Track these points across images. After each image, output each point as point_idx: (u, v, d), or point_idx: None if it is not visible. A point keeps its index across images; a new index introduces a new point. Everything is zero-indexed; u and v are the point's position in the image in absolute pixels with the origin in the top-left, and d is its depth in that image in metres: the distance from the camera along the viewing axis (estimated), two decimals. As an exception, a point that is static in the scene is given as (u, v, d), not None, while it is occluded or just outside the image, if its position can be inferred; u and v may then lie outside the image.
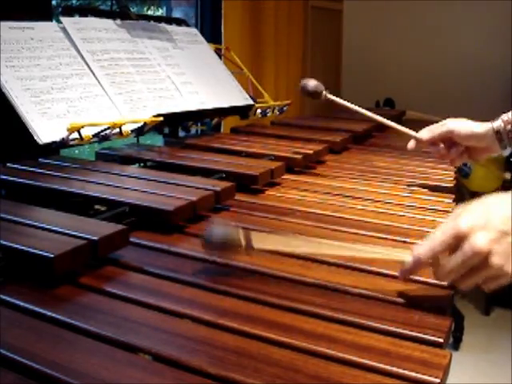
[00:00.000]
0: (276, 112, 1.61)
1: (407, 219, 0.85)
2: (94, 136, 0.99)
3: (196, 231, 0.76)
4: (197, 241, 0.72)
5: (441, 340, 0.50)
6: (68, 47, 1.11)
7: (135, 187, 0.82)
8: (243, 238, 0.61)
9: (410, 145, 1.05)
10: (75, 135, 0.95)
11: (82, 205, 0.79)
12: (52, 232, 0.61)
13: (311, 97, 1.15)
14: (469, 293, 2.68)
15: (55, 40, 1.10)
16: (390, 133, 1.76)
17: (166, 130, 1.31)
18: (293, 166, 1.12)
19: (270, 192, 0.98)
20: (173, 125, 1.30)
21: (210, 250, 0.62)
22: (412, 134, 1.05)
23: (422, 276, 0.63)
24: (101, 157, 1.08)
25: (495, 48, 2.78)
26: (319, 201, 0.93)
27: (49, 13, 1.24)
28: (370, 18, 3.02)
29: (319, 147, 1.24)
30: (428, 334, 0.50)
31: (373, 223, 0.82)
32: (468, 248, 0.55)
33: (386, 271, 0.64)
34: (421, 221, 0.85)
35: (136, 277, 0.61)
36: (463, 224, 0.55)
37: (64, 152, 1.08)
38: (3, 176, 0.85)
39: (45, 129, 0.94)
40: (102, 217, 0.72)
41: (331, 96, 1.14)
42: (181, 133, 1.36)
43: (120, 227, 0.64)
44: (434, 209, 0.91)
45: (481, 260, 0.55)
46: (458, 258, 0.55)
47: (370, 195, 0.97)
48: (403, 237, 0.76)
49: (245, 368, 0.44)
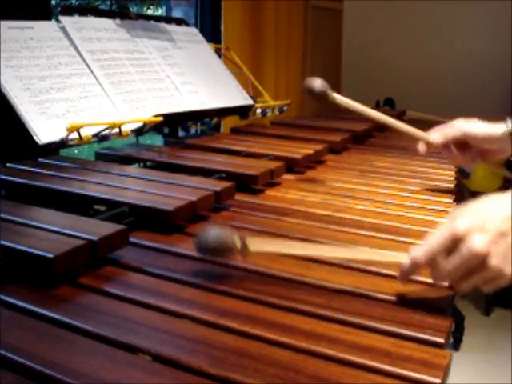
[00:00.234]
0: (276, 112, 1.61)
1: (407, 219, 0.85)
2: (94, 136, 0.99)
3: (196, 231, 0.75)
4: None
5: (441, 340, 0.50)
6: (67, 47, 1.11)
7: (135, 187, 0.82)
8: (238, 243, 0.60)
9: (422, 148, 1.01)
10: (75, 135, 0.95)
11: (82, 205, 0.79)
12: (51, 232, 0.61)
13: (317, 99, 0.99)
14: (469, 293, 2.68)
15: (55, 40, 1.10)
16: (390, 133, 1.76)
17: (166, 130, 1.31)
18: (293, 166, 1.12)
19: (270, 192, 0.98)
20: (172, 125, 1.30)
21: (204, 255, 0.61)
22: (423, 137, 1.01)
23: (423, 276, 0.63)
24: (100, 157, 1.08)
25: (495, 48, 2.78)
26: (319, 201, 0.93)
27: (48, 12, 1.24)
28: (370, 18, 3.02)
29: (319, 147, 1.24)
30: (428, 335, 0.50)
31: (373, 223, 0.82)
32: (466, 250, 0.54)
33: (386, 271, 0.64)
34: (421, 221, 0.85)
35: (136, 277, 0.61)
36: (460, 225, 0.55)
37: (63, 152, 1.08)
38: (3, 176, 0.84)
39: (44, 129, 0.94)
40: (102, 217, 0.72)
41: (340, 97, 1.00)
42: (180, 133, 1.36)
43: (120, 227, 0.64)
44: (435, 209, 0.91)
45: (479, 262, 0.54)
46: (456, 260, 0.55)
47: (370, 195, 0.97)
48: (403, 237, 0.76)
49: (245, 368, 0.44)
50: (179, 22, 1.52)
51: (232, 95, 1.46)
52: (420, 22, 2.94)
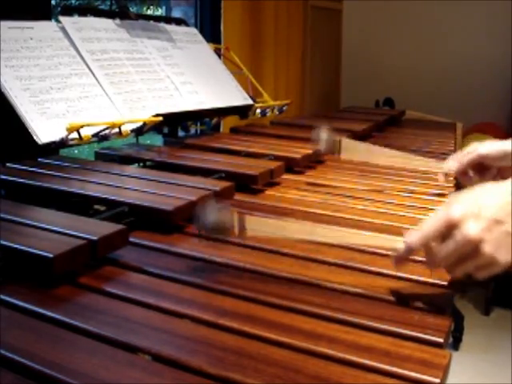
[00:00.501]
0: (275, 112, 1.61)
1: (408, 219, 0.85)
2: (94, 136, 0.99)
3: (196, 231, 0.76)
4: (197, 241, 0.73)
5: (441, 340, 0.50)
6: (67, 47, 1.11)
7: (135, 187, 0.82)
8: (236, 222, 0.61)
9: (440, 179, 1.03)
10: (74, 135, 0.95)
11: (82, 205, 0.79)
12: (51, 232, 0.61)
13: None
14: (469, 293, 2.68)
15: (54, 40, 1.10)
16: (390, 133, 1.76)
17: (166, 130, 1.31)
18: (293, 166, 1.12)
19: (270, 192, 0.98)
20: (172, 125, 1.30)
21: (204, 232, 0.63)
22: (440, 175, 1.02)
23: (422, 276, 0.63)
24: (100, 157, 1.08)
25: (495, 48, 2.78)
26: (319, 201, 0.93)
27: (48, 12, 1.24)
28: (370, 18, 3.02)
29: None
30: (428, 334, 0.50)
31: (373, 223, 0.82)
32: (460, 236, 0.55)
33: (386, 271, 0.64)
34: (421, 221, 0.84)
35: (136, 277, 0.61)
36: (455, 212, 0.56)
37: (63, 152, 1.08)
38: (3, 176, 0.84)
39: (44, 129, 0.94)
40: (102, 217, 0.72)
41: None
42: (180, 133, 1.36)
43: (119, 227, 0.64)
44: (435, 209, 0.91)
45: (472, 248, 0.55)
46: (450, 246, 0.55)
47: (370, 195, 0.97)
48: (403, 237, 0.76)
49: (245, 368, 0.44)
50: (179, 22, 1.52)
51: (232, 95, 1.46)
52: (419, 22, 2.94)
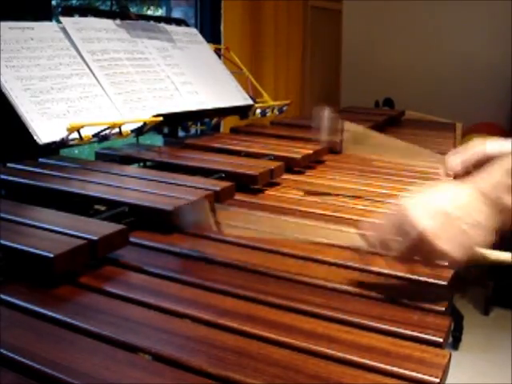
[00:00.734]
0: (275, 112, 1.61)
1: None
2: (94, 136, 0.99)
3: (196, 231, 0.76)
4: (197, 241, 0.73)
5: (440, 340, 0.50)
6: (68, 47, 1.11)
7: (135, 187, 0.82)
8: (211, 217, 0.65)
9: (442, 174, 0.99)
10: (75, 135, 0.95)
11: (82, 205, 0.79)
12: (52, 232, 0.61)
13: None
14: (468, 293, 2.69)
15: (55, 40, 1.10)
16: (390, 133, 1.76)
17: (166, 130, 1.31)
18: (293, 166, 1.12)
19: (270, 192, 0.98)
20: (172, 125, 1.30)
21: (181, 226, 0.67)
22: (441, 170, 0.97)
23: (422, 276, 0.63)
24: (100, 157, 1.08)
25: (495, 48, 2.78)
26: (319, 201, 0.93)
27: (49, 13, 1.24)
28: (370, 18, 3.03)
29: (319, 147, 1.24)
30: (428, 334, 0.50)
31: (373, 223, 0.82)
32: (413, 233, 0.57)
33: (386, 271, 0.64)
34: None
35: (136, 277, 0.61)
36: (411, 209, 0.58)
37: (64, 152, 1.09)
38: (3, 176, 0.85)
39: (45, 129, 0.94)
40: (102, 217, 0.72)
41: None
42: (180, 133, 1.36)
43: (119, 227, 0.64)
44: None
45: (426, 244, 0.57)
46: (406, 243, 0.58)
47: (370, 195, 0.97)
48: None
49: (244, 368, 0.44)
50: (179, 23, 1.52)
51: (232, 95, 1.46)
52: (419, 22, 2.94)
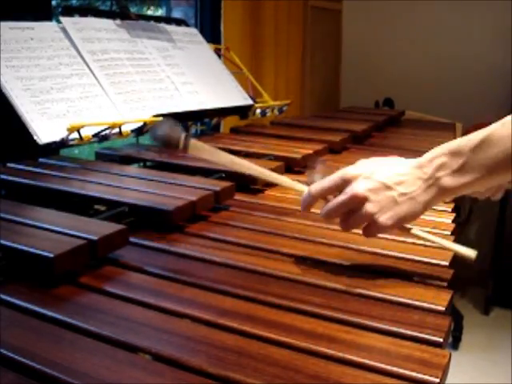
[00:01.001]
0: (275, 112, 1.61)
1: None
2: (94, 136, 0.99)
3: (196, 231, 0.76)
4: (197, 240, 0.73)
5: (440, 340, 0.50)
6: (68, 47, 1.11)
7: (135, 187, 0.82)
8: (182, 141, 0.68)
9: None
10: (75, 135, 0.95)
11: (82, 205, 0.79)
12: (52, 232, 0.61)
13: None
14: (468, 293, 2.69)
15: (55, 40, 1.10)
16: (390, 133, 1.76)
17: (166, 130, 1.31)
18: (293, 166, 1.12)
19: (270, 192, 0.98)
20: (172, 125, 1.30)
21: (154, 141, 0.70)
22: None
23: (422, 276, 0.63)
24: (100, 157, 1.08)
25: (495, 48, 2.78)
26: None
27: (49, 13, 1.24)
28: (369, 18, 3.03)
29: (319, 147, 1.24)
30: (427, 334, 0.50)
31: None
32: (348, 190, 0.62)
33: (386, 271, 0.64)
34: (421, 220, 0.84)
35: (136, 277, 0.61)
36: (352, 170, 0.63)
37: (64, 152, 1.09)
38: (3, 176, 0.85)
39: (45, 129, 0.94)
40: (102, 217, 0.72)
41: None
42: (180, 133, 1.36)
43: (119, 227, 0.64)
44: (434, 208, 0.91)
45: (357, 204, 0.61)
46: (340, 198, 0.63)
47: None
48: (403, 236, 0.76)
49: (244, 368, 0.44)
50: (179, 23, 1.52)
51: (232, 95, 1.46)
52: (419, 22, 2.94)
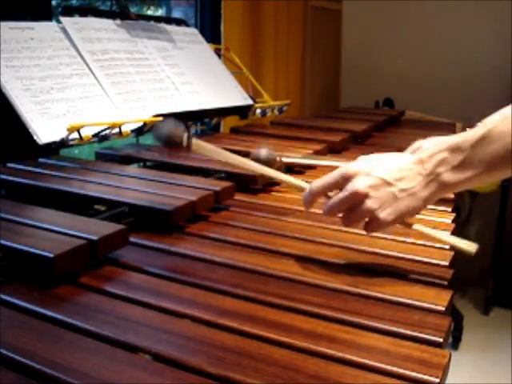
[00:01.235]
0: (275, 112, 1.61)
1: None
2: (94, 136, 0.99)
3: (196, 231, 0.76)
4: (197, 240, 0.73)
5: (440, 340, 0.50)
6: (68, 47, 1.11)
7: (135, 187, 0.82)
8: (185, 140, 0.69)
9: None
10: (75, 135, 0.95)
11: (82, 205, 0.79)
12: (52, 232, 0.61)
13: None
14: (468, 293, 2.69)
15: (55, 40, 1.10)
16: (390, 133, 1.76)
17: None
18: (293, 167, 1.12)
19: (270, 192, 0.98)
20: (172, 125, 1.30)
21: (157, 140, 0.71)
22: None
23: (422, 276, 0.63)
24: (100, 157, 1.08)
25: (495, 49, 2.78)
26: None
27: (49, 13, 1.24)
28: (369, 18, 3.02)
29: (319, 147, 1.24)
30: (427, 334, 0.50)
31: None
32: (348, 187, 0.62)
33: (386, 271, 0.64)
34: (420, 220, 0.85)
35: (136, 277, 0.61)
36: (352, 167, 0.64)
37: (64, 152, 1.09)
38: (3, 176, 0.85)
39: (45, 129, 0.94)
40: (102, 217, 0.73)
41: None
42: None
43: (119, 227, 0.64)
44: (435, 209, 0.91)
45: (357, 200, 0.62)
46: (341, 195, 0.63)
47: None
48: (403, 236, 0.76)
49: (244, 368, 0.44)
50: (179, 23, 1.52)
51: (232, 95, 1.46)
52: (419, 22, 2.94)
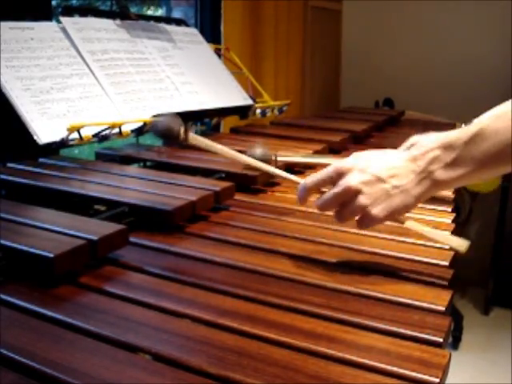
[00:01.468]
0: (275, 112, 1.61)
1: (406, 218, 0.85)
2: (94, 136, 0.99)
3: (196, 231, 0.76)
4: (197, 240, 0.73)
5: (440, 340, 0.50)
6: (68, 47, 1.11)
7: (135, 187, 0.82)
8: (182, 133, 0.73)
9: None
10: (75, 135, 0.95)
11: (82, 205, 0.79)
12: (52, 232, 0.61)
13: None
14: (468, 293, 2.69)
15: (55, 40, 1.10)
16: (390, 133, 1.76)
17: (166, 130, 1.31)
18: (293, 166, 1.12)
19: (270, 192, 0.98)
20: (172, 125, 1.30)
21: (155, 135, 0.75)
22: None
23: (422, 276, 0.63)
24: (100, 157, 1.08)
25: (495, 49, 2.78)
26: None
27: (49, 13, 1.24)
28: (369, 18, 3.02)
29: (319, 147, 1.24)
30: (427, 334, 0.50)
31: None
32: (341, 183, 0.63)
33: (386, 271, 0.64)
34: (420, 221, 0.85)
35: (136, 277, 0.61)
36: (345, 163, 0.64)
37: (64, 152, 1.09)
38: (3, 176, 0.85)
39: (45, 129, 0.94)
40: (102, 217, 0.73)
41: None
42: (180, 133, 1.36)
43: (119, 227, 0.64)
44: (434, 209, 0.91)
45: (350, 196, 0.62)
46: (334, 190, 0.63)
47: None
48: (403, 237, 0.76)
49: (244, 368, 0.44)
50: (179, 23, 1.52)
51: (232, 95, 1.46)
52: (419, 22, 2.94)
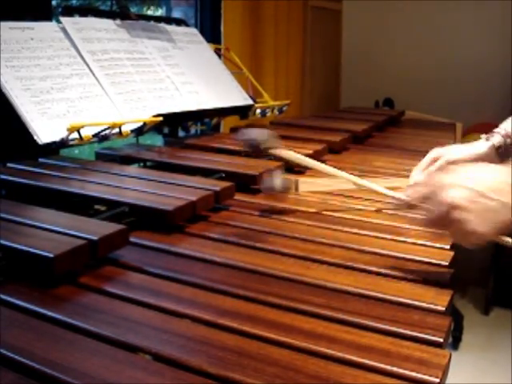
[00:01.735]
0: (275, 112, 1.61)
1: (407, 219, 0.85)
2: (94, 136, 0.99)
3: (196, 231, 0.76)
4: (197, 240, 0.73)
5: (440, 340, 0.50)
6: (68, 47, 1.11)
7: (135, 187, 0.82)
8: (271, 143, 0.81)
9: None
10: (75, 135, 0.95)
11: (82, 205, 0.79)
12: (52, 232, 0.61)
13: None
14: (468, 293, 2.68)
15: (55, 40, 1.10)
16: (390, 133, 1.76)
17: (166, 130, 1.31)
18: (292, 166, 1.12)
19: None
20: (172, 125, 1.30)
21: (247, 147, 0.83)
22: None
23: (422, 276, 0.63)
24: (101, 157, 1.08)
25: (495, 49, 2.78)
26: (319, 201, 0.93)
27: (49, 13, 1.24)
28: (369, 18, 3.02)
29: (319, 147, 1.24)
30: (428, 334, 0.50)
31: (373, 223, 0.82)
32: (446, 198, 0.61)
33: (386, 271, 0.64)
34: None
35: (136, 277, 0.61)
36: (448, 178, 0.63)
37: (64, 152, 1.08)
38: (3, 176, 0.85)
39: (45, 129, 0.94)
40: (102, 217, 0.72)
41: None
42: (180, 133, 1.36)
43: (119, 227, 0.64)
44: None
45: (452, 212, 0.61)
46: (437, 205, 0.62)
47: (370, 195, 0.97)
48: (403, 237, 0.76)
49: (244, 368, 0.44)
50: (179, 23, 1.52)
51: (232, 95, 1.46)
52: (419, 22, 2.94)
